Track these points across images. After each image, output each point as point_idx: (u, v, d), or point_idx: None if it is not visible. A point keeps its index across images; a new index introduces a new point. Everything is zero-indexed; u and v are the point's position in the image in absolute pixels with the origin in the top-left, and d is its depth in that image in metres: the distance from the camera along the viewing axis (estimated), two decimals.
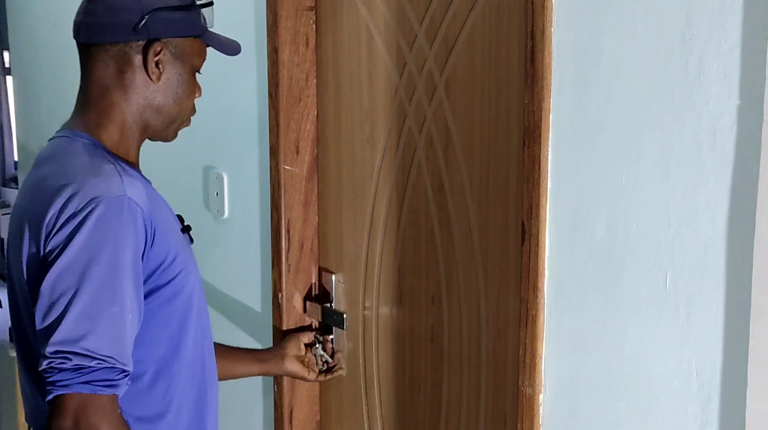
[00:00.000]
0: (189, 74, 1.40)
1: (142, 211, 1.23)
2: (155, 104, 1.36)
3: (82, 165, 1.26)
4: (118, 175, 1.24)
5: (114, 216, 1.19)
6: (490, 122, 1.46)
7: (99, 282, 1.17)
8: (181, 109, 1.41)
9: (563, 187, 1.24)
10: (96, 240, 1.18)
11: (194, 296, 1.38)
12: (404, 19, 1.63)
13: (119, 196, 1.20)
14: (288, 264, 1.96)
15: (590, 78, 1.18)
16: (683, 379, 1.08)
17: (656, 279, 1.10)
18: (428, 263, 1.65)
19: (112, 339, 1.17)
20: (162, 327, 1.31)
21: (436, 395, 1.67)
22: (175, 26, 1.34)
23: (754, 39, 0.96)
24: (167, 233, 1.31)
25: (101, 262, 1.17)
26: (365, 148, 1.78)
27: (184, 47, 1.37)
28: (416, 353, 1.71)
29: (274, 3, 1.85)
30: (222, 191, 2.17)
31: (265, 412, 2.10)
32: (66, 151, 1.31)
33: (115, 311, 1.18)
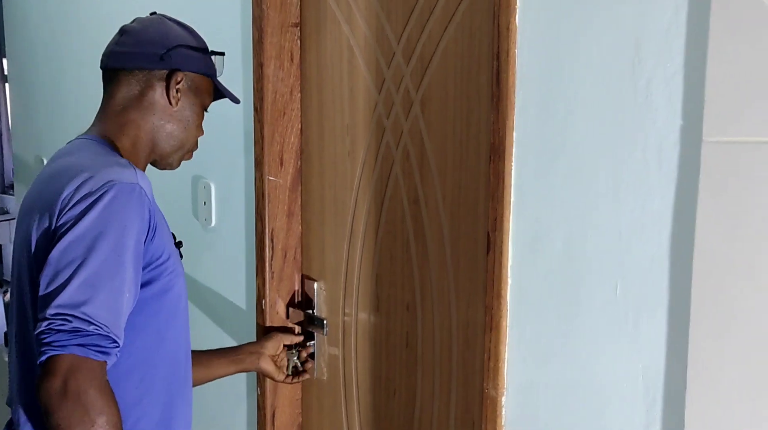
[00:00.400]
0: (199, 108, 1.55)
1: (150, 203, 1.34)
2: (167, 128, 1.50)
3: (99, 158, 1.37)
4: (132, 168, 1.34)
5: (125, 199, 1.28)
6: (462, 139, 1.53)
7: (104, 256, 1.24)
8: (188, 138, 1.54)
9: (526, 201, 1.30)
10: (106, 218, 1.26)
11: (181, 300, 1.47)
12: (383, 37, 1.70)
13: (132, 183, 1.30)
14: (271, 272, 2.03)
15: (551, 99, 1.25)
16: (631, 382, 1.14)
17: (608, 288, 1.17)
18: (404, 272, 1.71)
19: (110, 309, 1.24)
20: (150, 318, 1.38)
21: (410, 399, 1.73)
22: (193, 62, 1.51)
23: (695, 64, 1.03)
24: (165, 234, 1.42)
25: (108, 238, 1.25)
26: (346, 161, 1.85)
27: (198, 83, 1.53)
28: (392, 358, 1.78)
29: (260, 19, 1.92)
30: (210, 201, 2.24)
31: (248, 413, 2.16)
32: (84, 147, 1.43)
33: (116, 284, 1.25)
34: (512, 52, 1.30)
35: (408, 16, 1.63)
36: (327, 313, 1.97)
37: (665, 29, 1.06)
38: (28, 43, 3.63)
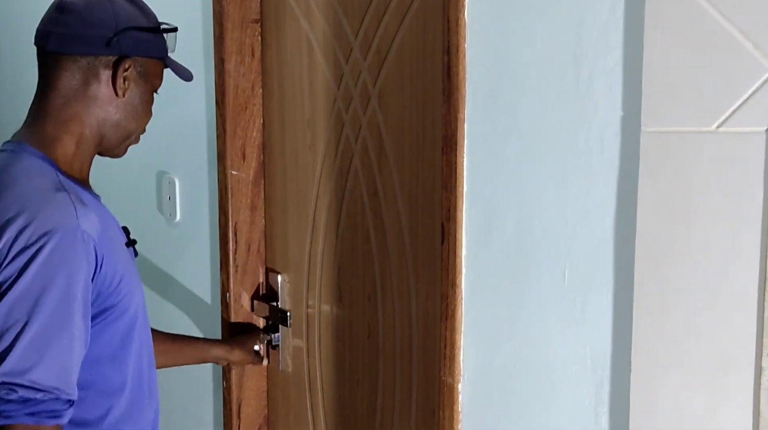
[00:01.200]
0: (149, 94, 1.45)
1: (94, 241, 1.26)
2: (115, 119, 1.39)
3: (34, 191, 1.26)
4: (71, 205, 1.25)
5: (67, 248, 1.21)
6: (418, 131, 1.56)
7: (49, 314, 1.18)
8: (138, 126, 1.46)
9: (477, 191, 1.34)
10: (48, 272, 1.19)
11: (138, 313, 1.41)
12: (341, 33, 1.73)
13: (74, 228, 1.22)
14: (235, 265, 2.05)
15: (499, 91, 1.28)
16: (580, 364, 1.19)
17: (556, 273, 1.21)
18: (365, 263, 1.75)
19: (60, 370, 1.19)
20: (105, 346, 1.33)
21: (372, 389, 1.77)
22: (144, 46, 1.39)
23: (633, 58, 1.07)
24: (114, 255, 1.33)
25: (52, 293, 1.19)
26: (307, 155, 1.88)
27: (148, 67, 1.42)
28: (355, 349, 1.81)
29: (220, 15, 1.94)
30: (174, 196, 2.25)
31: (215, 407, 2.18)
32: (17, 171, 1.31)
33: (63, 342, 1.20)
34: (462, 46, 1.33)
35: (365, 12, 1.66)
36: (291, 305, 2.00)
37: (603, 24, 1.10)
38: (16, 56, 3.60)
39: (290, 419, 2.06)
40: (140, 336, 1.42)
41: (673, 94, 1.03)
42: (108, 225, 1.36)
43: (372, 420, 1.77)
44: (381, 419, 1.74)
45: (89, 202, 1.33)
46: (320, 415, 1.94)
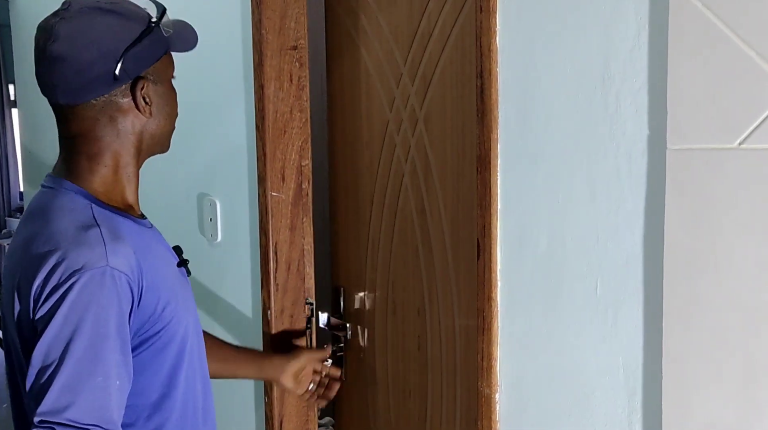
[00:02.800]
0: (169, 89, 1.40)
1: (127, 276, 1.24)
2: (152, 132, 1.37)
3: (66, 229, 1.25)
4: (101, 244, 1.23)
5: (96, 287, 1.20)
6: (458, 152, 1.64)
7: (81, 354, 1.19)
8: (173, 122, 1.42)
9: (511, 208, 1.40)
10: (77, 313, 1.19)
11: (188, 338, 1.39)
12: (392, 59, 1.83)
13: (102, 266, 1.21)
14: (276, 283, 2.12)
15: (530, 112, 1.34)
16: (613, 374, 1.23)
17: (588, 287, 1.26)
18: (414, 278, 1.82)
19: (97, 408, 1.19)
20: (153, 375, 1.34)
21: (422, 400, 1.83)
22: (145, 57, 1.32)
23: (658, 80, 1.12)
24: (158, 282, 1.32)
25: (83, 334, 1.19)
26: (365, 175, 1.98)
27: (158, 69, 1.36)
28: (407, 360, 1.88)
29: (260, 43, 2.03)
30: (215, 217, 2.33)
31: (257, 423, 2.24)
32: (53, 207, 1.30)
33: (98, 381, 1.19)
34: (494, 70, 1.39)
35: (412, 39, 1.75)
36: (350, 318, 2.08)
37: (630, 48, 1.16)
38: None
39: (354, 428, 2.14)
40: (192, 360, 1.41)
41: (697, 114, 1.08)
42: (150, 252, 1.34)
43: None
44: None
45: (128, 231, 1.31)
46: (380, 424, 2.01)
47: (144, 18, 1.32)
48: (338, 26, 2.06)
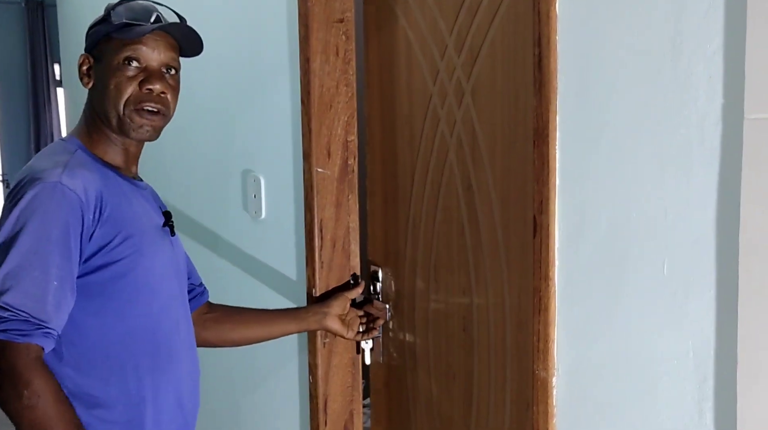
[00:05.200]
0: (115, 69, 1.52)
1: (79, 197, 1.40)
2: (95, 104, 1.55)
3: (46, 161, 1.46)
4: (62, 166, 1.43)
5: (45, 197, 1.38)
6: (510, 125, 1.56)
7: (24, 250, 1.36)
8: (116, 104, 1.52)
9: (570, 184, 1.33)
10: (25, 215, 1.37)
11: (152, 279, 1.53)
12: (436, 31, 1.75)
13: (54, 181, 1.40)
14: (321, 261, 2.07)
15: (592, 82, 1.27)
16: (681, 359, 1.16)
17: (655, 267, 1.19)
18: (459, 256, 1.75)
19: (31, 297, 1.35)
20: (107, 301, 1.47)
21: (468, 382, 1.77)
22: (92, 37, 1.56)
23: (735, 42, 1.04)
24: (121, 218, 1.48)
25: (27, 234, 1.37)
26: (405, 151, 1.91)
27: (101, 50, 1.54)
28: (451, 342, 1.82)
29: (305, 16, 1.97)
30: (259, 193, 2.29)
31: (301, 402, 2.21)
32: (50, 150, 1.54)
33: (35, 274, 1.35)
34: (553, 38, 1.32)
35: (458, 9, 1.67)
36: (390, 298, 2.02)
37: (704, 10, 1.07)
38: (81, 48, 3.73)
39: (391, 410, 2.09)
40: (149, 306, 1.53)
41: None
42: (125, 196, 1.52)
43: (468, 414, 1.77)
44: (477, 413, 1.74)
45: (103, 175, 1.49)
46: (419, 407, 1.96)
47: (109, 7, 1.55)
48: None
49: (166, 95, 1.54)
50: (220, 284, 2.23)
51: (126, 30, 1.51)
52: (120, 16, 1.52)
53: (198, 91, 2.46)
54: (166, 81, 1.54)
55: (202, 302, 1.88)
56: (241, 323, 1.90)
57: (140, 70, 1.52)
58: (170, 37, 1.56)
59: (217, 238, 2.56)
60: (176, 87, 1.58)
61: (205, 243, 2.60)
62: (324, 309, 1.93)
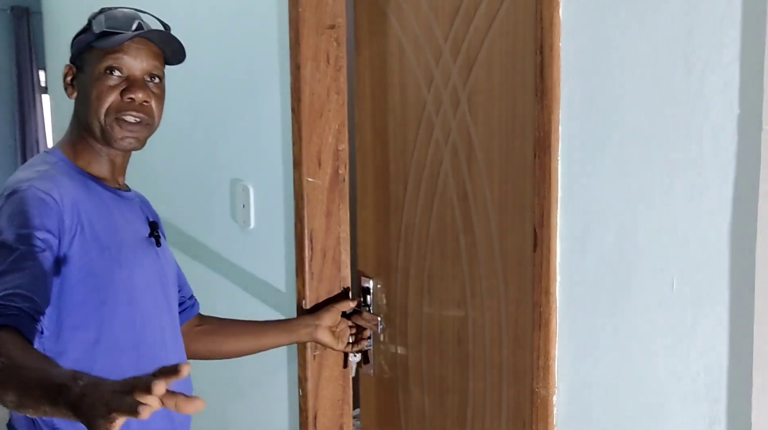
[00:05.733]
0: (96, 79, 1.49)
1: (52, 198, 1.38)
2: (80, 117, 1.52)
3: (26, 172, 1.45)
4: (38, 175, 1.42)
5: (18, 202, 1.36)
6: (508, 134, 1.51)
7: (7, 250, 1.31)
8: (97, 114, 1.49)
9: (573, 196, 1.28)
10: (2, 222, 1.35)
11: (134, 291, 1.49)
12: (431, 36, 1.70)
13: (26, 187, 1.38)
14: (311, 272, 2.02)
15: (598, 91, 1.22)
16: (691, 379, 1.12)
17: (663, 284, 1.15)
18: (454, 268, 1.70)
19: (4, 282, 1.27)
20: (89, 314, 1.43)
21: (462, 397, 1.72)
22: (75, 47, 1.53)
23: (753, 51, 1.00)
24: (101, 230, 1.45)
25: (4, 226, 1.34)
26: (398, 159, 1.86)
27: (84, 60, 1.51)
28: (445, 356, 1.77)
29: (296, 22, 1.92)
30: (248, 203, 2.24)
31: (290, 417, 2.15)
32: (31, 162, 1.52)
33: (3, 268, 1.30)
34: (556, 45, 1.28)
35: (455, 14, 1.62)
36: (381, 310, 1.97)
37: (719, 18, 1.03)
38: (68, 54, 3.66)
39: (381, 426, 2.03)
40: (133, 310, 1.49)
41: None
42: (105, 207, 1.49)
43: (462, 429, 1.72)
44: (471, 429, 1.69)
45: (83, 187, 1.46)
46: (411, 422, 1.90)
47: (93, 17, 1.52)
48: (368, 1, 1.93)
49: (149, 104, 1.50)
50: (207, 294, 2.17)
51: (107, 39, 1.48)
52: (101, 24, 1.49)
53: (185, 99, 2.40)
54: (149, 89, 1.50)
55: (193, 314, 1.82)
56: (231, 336, 1.85)
57: (122, 79, 1.48)
58: (153, 44, 1.51)
59: (204, 248, 2.50)
60: (160, 95, 1.53)
61: (191, 253, 2.54)
62: (315, 321, 1.89)
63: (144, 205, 1.65)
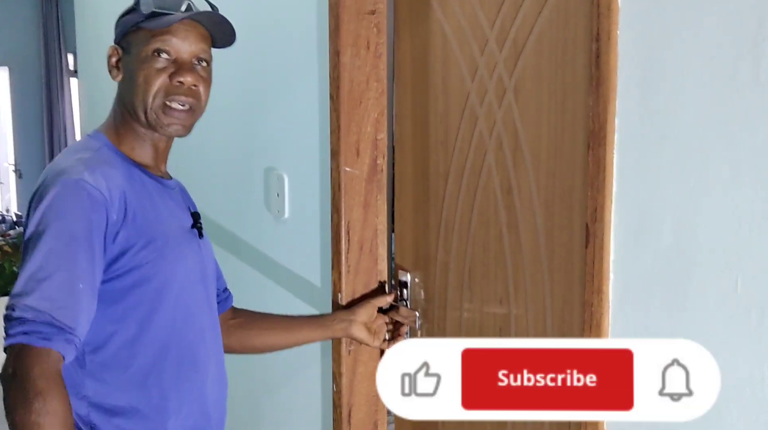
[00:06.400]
0: (143, 61, 1.45)
1: (102, 194, 1.34)
2: (124, 97, 1.48)
3: (69, 158, 1.41)
4: (84, 163, 1.37)
5: (68, 195, 1.32)
6: (557, 126, 1.46)
7: (48, 250, 1.29)
8: (145, 96, 1.45)
9: (628, 191, 1.23)
10: (49, 215, 1.31)
11: (176, 285, 1.45)
12: (476, 24, 1.65)
13: (76, 179, 1.34)
14: (348, 265, 1.98)
15: (657, 81, 1.17)
16: (755, 386, 1.06)
17: (726, 283, 1.09)
18: (497, 263, 1.66)
19: (54, 300, 1.27)
20: (130, 309, 1.40)
21: None
22: (120, 28, 1.49)
23: None
24: (147, 221, 1.41)
25: (52, 234, 1.30)
26: (439, 151, 1.81)
27: (130, 41, 1.47)
28: None
29: (336, 7, 1.87)
30: (283, 192, 2.20)
31: (323, 411, 2.12)
32: (74, 147, 1.49)
33: (60, 275, 1.29)
34: (614, 33, 1.22)
35: (501, 1, 1.57)
36: (419, 305, 1.93)
37: None
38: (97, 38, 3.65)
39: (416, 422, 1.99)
40: (177, 307, 1.46)
41: None
42: (150, 197, 1.45)
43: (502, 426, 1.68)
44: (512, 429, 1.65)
45: (128, 173, 1.43)
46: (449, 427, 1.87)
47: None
48: None
49: (197, 88, 1.46)
50: (239, 285, 2.14)
51: (155, 19, 1.43)
52: (149, 5, 1.44)
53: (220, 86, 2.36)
54: (197, 73, 1.46)
55: (227, 307, 1.79)
56: (265, 330, 1.82)
57: (170, 61, 1.44)
58: (201, 27, 1.47)
59: (237, 238, 2.47)
60: (208, 79, 1.50)
61: (223, 243, 2.51)
62: (350, 316, 1.84)
63: (184, 195, 1.62)
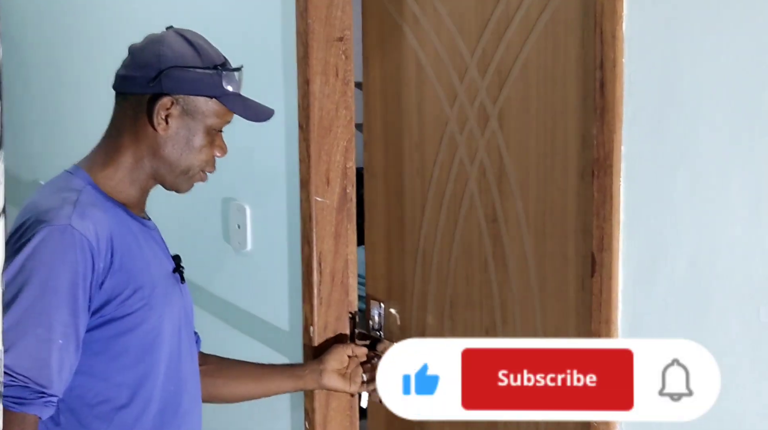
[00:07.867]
0: (201, 132, 1.43)
1: (89, 242, 1.28)
2: (160, 153, 1.41)
3: (52, 198, 1.34)
4: (71, 206, 1.30)
5: (53, 243, 1.26)
6: (546, 153, 1.45)
7: (28, 304, 1.23)
8: (189, 163, 1.44)
9: (638, 220, 1.22)
10: (31, 264, 1.25)
11: (161, 335, 1.40)
12: (455, 51, 1.63)
13: (63, 225, 1.27)
14: (320, 297, 1.92)
15: (668, 109, 1.16)
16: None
17: (747, 313, 1.09)
18: (482, 293, 1.63)
19: (34, 359, 1.22)
20: (115, 360, 1.35)
21: None
22: (188, 84, 1.40)
23: None
24: (133, 266, 1.36)
25: (33, 286, 1.24)
26: (415, 179, 1.77)
27: (197, 105, 1.42)
28: None
29: (304, 35, 1.82)
30: (244, 224, 2.13)
31: None
32: (55, 185, 1.40)
33: (39, 332, 1.23)
34: (619, 61, 1.21)
35: (482, 29, 1.55)
36: (394, 336, 1.87)
37: None
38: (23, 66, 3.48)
39: None
40: (160, 356, 1.41)
41: None
42: (135, 239, 1.40)
43: None
44: None
45: (113, 214, 1.37)
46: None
47: (212, 59, 1.43)
48: (379, 13, 1.84)
49: None
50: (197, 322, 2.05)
51: (235, 100, 1.44)
52: (235, 83, 1.44)
53: None
54: None
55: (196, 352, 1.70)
56: (233, 379, 1.72)
57: None
58: None
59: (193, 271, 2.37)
60: None
61: None
62: (320, 366, 1.74)
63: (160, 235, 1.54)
